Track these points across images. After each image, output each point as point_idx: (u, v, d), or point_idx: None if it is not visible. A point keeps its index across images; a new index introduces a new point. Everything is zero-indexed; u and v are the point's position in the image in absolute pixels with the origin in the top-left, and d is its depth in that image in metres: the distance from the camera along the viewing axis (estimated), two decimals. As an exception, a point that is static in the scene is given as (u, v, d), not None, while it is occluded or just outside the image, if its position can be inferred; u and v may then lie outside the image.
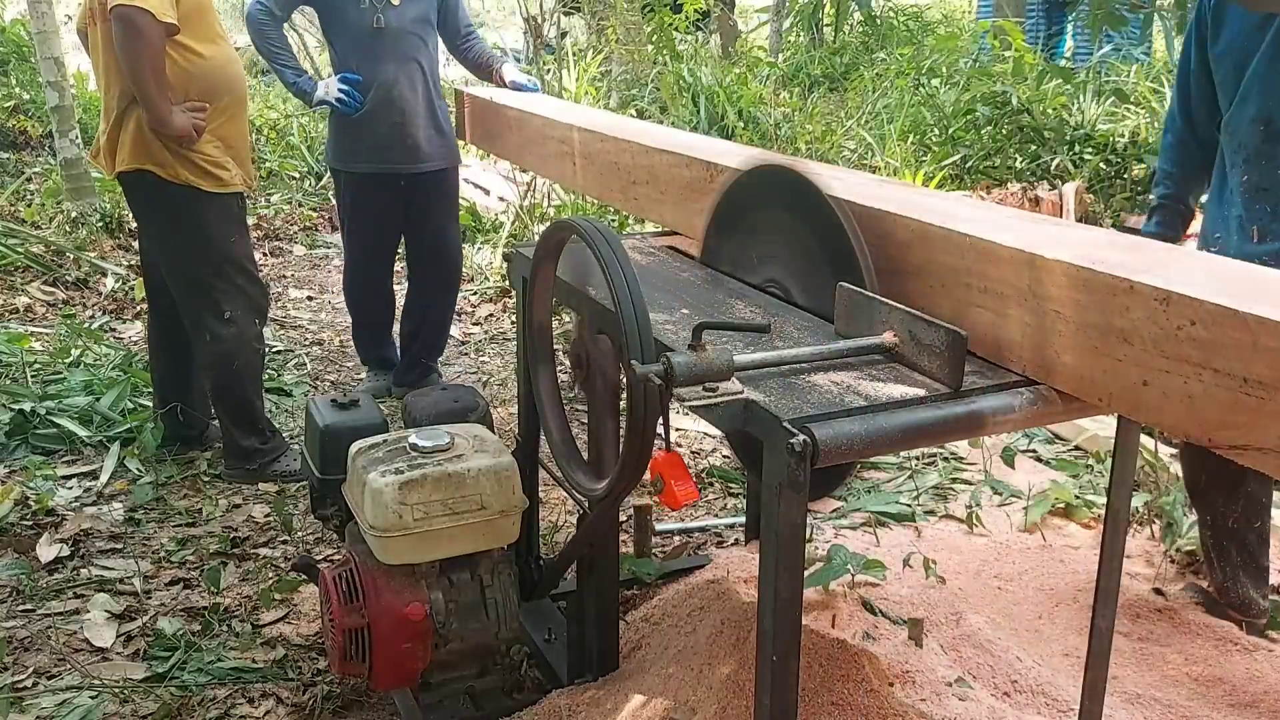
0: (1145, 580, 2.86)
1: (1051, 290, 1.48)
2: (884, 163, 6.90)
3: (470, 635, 2.19)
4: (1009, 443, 3.52)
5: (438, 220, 4.07)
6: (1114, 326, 1.39)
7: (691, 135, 2.89)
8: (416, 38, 3.85)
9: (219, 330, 3.34)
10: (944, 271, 1.67)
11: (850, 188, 1.90)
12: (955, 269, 1.65)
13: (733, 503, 3.40)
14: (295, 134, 8.60)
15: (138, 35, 2.99)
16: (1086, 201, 6.36)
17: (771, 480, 1.41)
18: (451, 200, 4.14)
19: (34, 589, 2.82)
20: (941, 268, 1.67)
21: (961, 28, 12.61)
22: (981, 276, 1.60)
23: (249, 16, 3.80)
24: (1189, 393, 1.30)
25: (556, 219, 3.28)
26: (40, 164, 7.83)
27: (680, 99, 7.99)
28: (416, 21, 3.84)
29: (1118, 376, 1.40)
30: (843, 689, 2.04)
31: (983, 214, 1.78)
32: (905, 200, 1.85)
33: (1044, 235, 1.61)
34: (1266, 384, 1.20)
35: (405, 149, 3.87)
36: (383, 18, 3.75)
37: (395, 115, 3.83)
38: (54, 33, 6.04)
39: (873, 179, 2.17)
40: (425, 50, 3.90)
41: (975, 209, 1.85)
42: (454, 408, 2.48)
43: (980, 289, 1.60)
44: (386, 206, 3.98)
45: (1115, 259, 1.44)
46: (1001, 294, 1.57)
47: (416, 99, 3.86)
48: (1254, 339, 1.21)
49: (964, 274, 1.63)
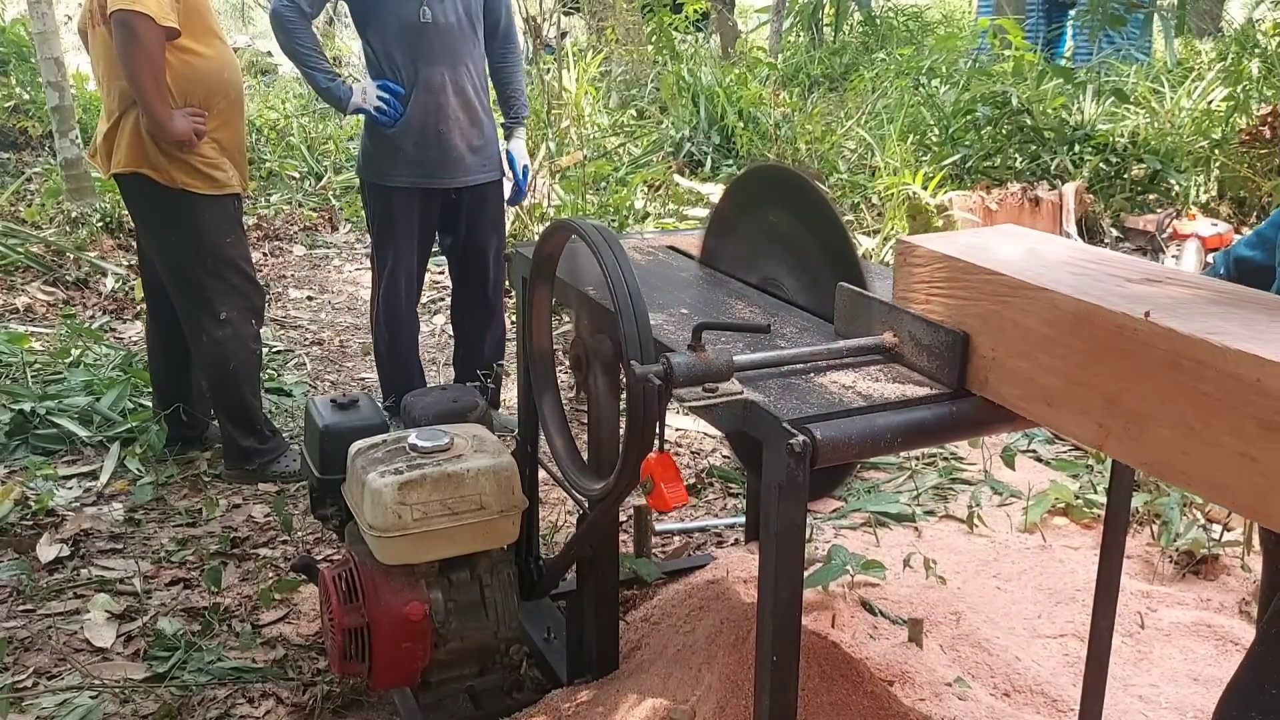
0: (1145, 580, 2.86)
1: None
2: (884, 163, 6.90)
3: (470, 635, 2.19)
4: (1009, 443, 3.52)
5: (480, 238, 3.69)
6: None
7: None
8: (468, 34, 3.46)
9: (215, 331, 3.34)
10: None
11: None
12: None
13: (733, 503, 3.40)
14: (295, 134, 8.60)
15: (137, 40, 2.98)
16: (1086, 201, 6.36)
17: (771, 480, 1.41)
18: (496, 216, 3.74)
19: (34, 589, 2.82)
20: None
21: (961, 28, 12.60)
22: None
23: (274, 13, 3.39)
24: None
25: (556, 219, 3.28)
26: (40, 164, 7.82)
27: (680, 99, 7.99)
28: (466, 15, 3.44)
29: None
30: (842, 689, 2.03)
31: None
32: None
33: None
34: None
35: (449, 161, 3.49)
36: (429, 10, 3.35)
37: (440, 123, 3.44)
38: (54, 33, 6.04)
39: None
40: (475, 49, 3.51)
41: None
42: (453, 408, 2.48)
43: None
44: (425, 224, 3.61)
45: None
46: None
47: (464, 104, 3.48)
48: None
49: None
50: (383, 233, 3.59)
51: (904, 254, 1.62)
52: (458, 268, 3.81)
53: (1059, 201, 6.20)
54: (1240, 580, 2.84)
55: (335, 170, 7.97)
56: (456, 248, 3.76)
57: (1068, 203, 6.18)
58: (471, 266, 3.76)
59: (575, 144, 6.59)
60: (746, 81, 7.94)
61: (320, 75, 3.45)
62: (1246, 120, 6.84)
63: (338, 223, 7.07)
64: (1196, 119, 7.24)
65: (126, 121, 3.17)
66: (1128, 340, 1.25)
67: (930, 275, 1.56)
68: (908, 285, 1.61)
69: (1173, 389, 1.20)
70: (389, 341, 3.73)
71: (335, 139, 8.52)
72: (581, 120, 7.03)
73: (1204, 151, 6.78)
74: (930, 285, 1.56)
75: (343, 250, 6.57)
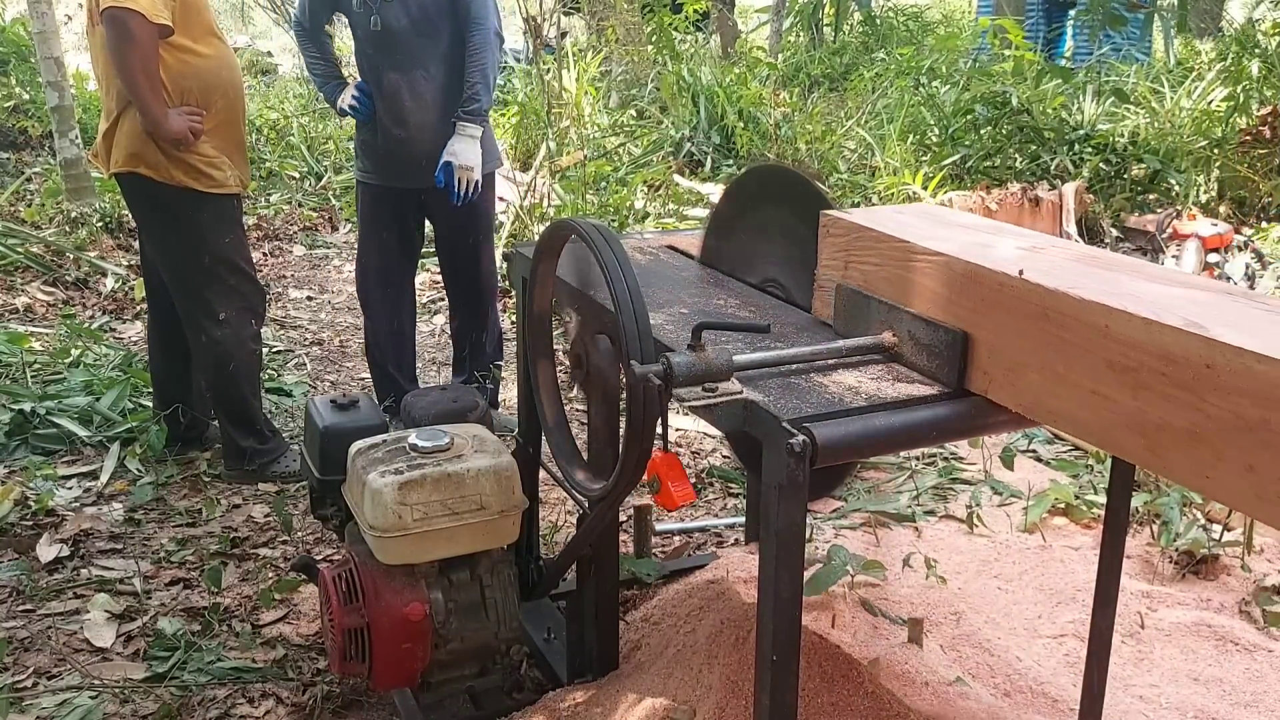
0: (1145, 580, 2.86)
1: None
2: (884, 162, 6.90)
3: (470, 635, 2.19)
4: (1009, 443, 3.52)
5: (462, 240, 3.68)
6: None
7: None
8: (423, 39, 3.42)
9: (214, 331, 3.33)
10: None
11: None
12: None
13: (733, 503, 3.40)
14: (295, 134, 8.60)
15: (129, 37, 2.98)
16: (1086, 201, 6.36)
17: (771, 480, 1.41)
18: (478, 218, 3.68)
19: (34, 589, 2.82)
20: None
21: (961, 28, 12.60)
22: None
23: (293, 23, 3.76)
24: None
25: (556, 219, 3.28)
26: (40, 164, 7.82)
27: (680, 99, 7.99)
28: (421, 21, 3.41)
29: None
30: (842, 689, 2.04)
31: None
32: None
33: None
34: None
35: (410, 163, 3.50)
36: (379, 19, 3.38)
37: (398, 128, 3.48)
38: (54, 33, 6.03)
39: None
40: (436, 50, 3.44)
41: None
42: (453, 408, 2.48)
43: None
44: (398, 223, 3.64)
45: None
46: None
47: (424, 109, 3.46)
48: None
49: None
50: (360, 228, 3.77)
51: (827, 226, 1.78)
52: (445, 268, 3.88)
53: (1059, 201, 6.20)
54: (1240, 580, 2.84)
55: (335, 170, 7.97)
56: (442, 248, 3.83)
57: (1068, 203, 6.18)
58: (455, 266, 3.81)
59: (575, 144, 6.60)
60: (746, 81, 7.94)
61: (317, 77, 3.72)
62: (1246, 120, 6.85)
63: (338, 223, 7.07)
64: (1196, 119, 7.25)
65: (125, 120, 3.17)
66: (1006, 296, 1.43)
67: (849, 244, 1.74)
68: (831, 254, 1.78)
69: (1042, 338, 1.38)
70: (369, 340, 3.83)
71: (335, 139, 8.52)
72: (581, 120, 7.03)
73: (1204, 151, 6.78)
74: (849, 254, 1.74)
75: (343, 250, 6.57)
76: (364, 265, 3.79)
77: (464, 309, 3.85)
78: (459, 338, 3.91)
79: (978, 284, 1.48)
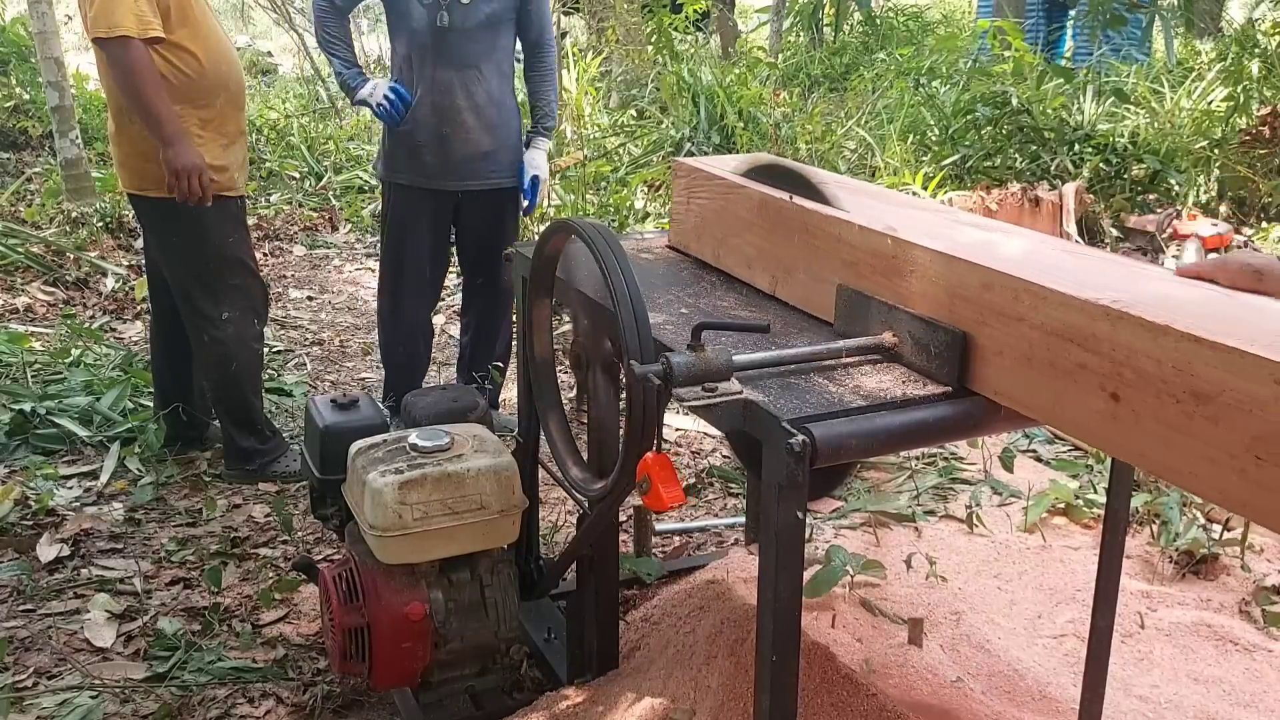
0: (1145, 580, 2.86)
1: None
2: (884, 162, 6.90)
3: (470, 635, 2.19)
4: (1009, 443, 3.52)
5: (487, 241, 3.67)
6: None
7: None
8: (485, 40, 3.46)
9: (217, 331, 3.33)
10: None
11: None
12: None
13: (733, 503, 3.40)
14: (295, 134, 8.60)
15: (125, 67, 2.98)
16: (1086, 201, 6.35)
17: (771, 480, 1.41)
18: (509, 222, 3.70)
19: (34, 589, 2.82)
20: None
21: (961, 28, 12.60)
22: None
23: (313, 5, 3.59)
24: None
25: (556, 219, 3.28)
26: (40, 164, 7.83)
27: (680, 99, 7.98)
28: (488, 22, 3.45)
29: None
30: (842, 689, 2.04)
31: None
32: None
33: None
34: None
35: (455, 164, 3.50)
36: (447, 15, 3.38)
37: (446, 126, 3.46)
38: (54, 33, 6.04)
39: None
40: (493, 54, 3.51)
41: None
42: (453, 407, 2.48)
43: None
44: (435, 224, 3.61)
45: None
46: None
47: (473, 108, 3.48)
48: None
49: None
50: (392, 230, 3.64)
51: (674, 171, 2.26)
52: (468, 270, 3.83)
53: (1059, 201, 6.19)
54: (1240, 580, 2.85)
55: (335, 170, 7.97)
56: (468, 250, 3.77)
57: (1068, 203, 6.17)
58: (480, 270, 3.77)
59: (575, 144, 6.59)
60: (746, 81, 7.94)
61: (338, 61, 3.55)
62: (1246, 120, 6.84)
63: (338, 223, 7.07)
64: (1196, 119, 7.24)
65: (122, 140, 3.17)
66: (783, 217, 1.88)
67: (689, 184, 2.20)
68: (679, 192, 2.24)
69: (805, 249, 1.83)
70: (391, 339, 3.75)
71: (335, 139, 8.53)
72: (581, 120, 7.03)
73: (1204, 151, 6.78)
74: (689, 192, 2.20)
75: (343, 250, 6.57)
76: (396, 267, 3.67)
77: (480, 314, 3.84)
78: (472, 338, 3.89)
79: (768, 207, 1.93)
